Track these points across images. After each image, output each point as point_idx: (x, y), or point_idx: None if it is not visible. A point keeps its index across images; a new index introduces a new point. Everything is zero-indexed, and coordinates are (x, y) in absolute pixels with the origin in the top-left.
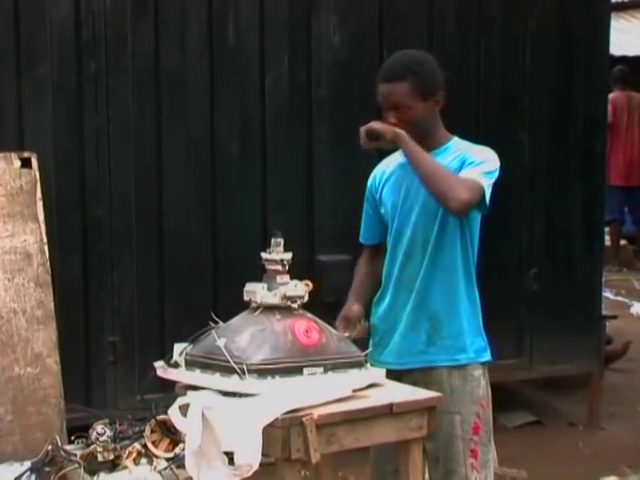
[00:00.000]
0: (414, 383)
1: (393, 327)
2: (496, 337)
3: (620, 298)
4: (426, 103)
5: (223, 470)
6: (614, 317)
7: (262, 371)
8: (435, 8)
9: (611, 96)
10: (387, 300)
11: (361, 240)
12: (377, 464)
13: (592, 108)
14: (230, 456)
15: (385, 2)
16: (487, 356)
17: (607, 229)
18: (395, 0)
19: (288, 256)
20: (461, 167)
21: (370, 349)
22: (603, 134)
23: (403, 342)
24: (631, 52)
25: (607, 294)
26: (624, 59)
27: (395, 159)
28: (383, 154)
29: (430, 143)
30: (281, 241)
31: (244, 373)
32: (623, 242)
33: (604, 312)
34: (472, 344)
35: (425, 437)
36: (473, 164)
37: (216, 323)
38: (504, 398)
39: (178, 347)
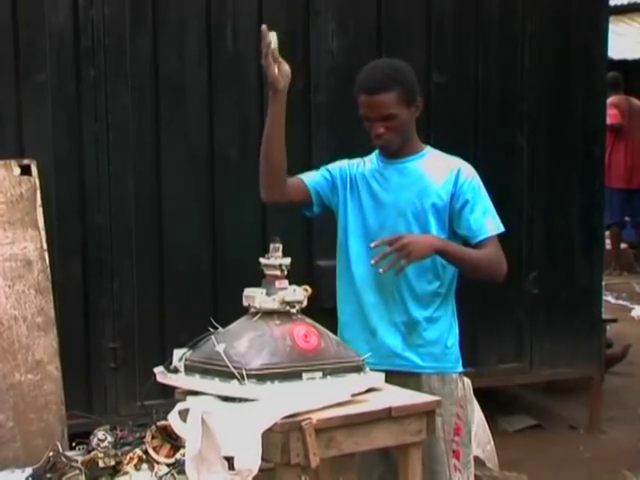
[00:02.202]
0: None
1: (365, 328)
2: (496, 341)
3: (621, 302)
4: (409, 110)
5: (223, 475)
6: (614, 321)
7: (261, 376)
8: (433, 13)
9: (613, 99)
10: (356, 300)
11: (304, 178)
12: (363, 470)
13: (590, 112)
14: (230, 461)
15: (383, 7)
16: (461, 367)
17: (607, 232)
18: (393, 5)
19: (287, 261)
20: (456, 183)
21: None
22: (602, 138)
23: (378, 344)
24: (630, 56)
25: (608, 298)
26: (623, 63)
27: (369, 162)
28: None
29: (409, 149)
30: (280, 246)
31: (243, 378)
32: (623, 245)
33: (604, 316)
34: (451, 353)
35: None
36: (477, 202)
37: (215, 329)
38: (504, 402)
39: (177, 353)
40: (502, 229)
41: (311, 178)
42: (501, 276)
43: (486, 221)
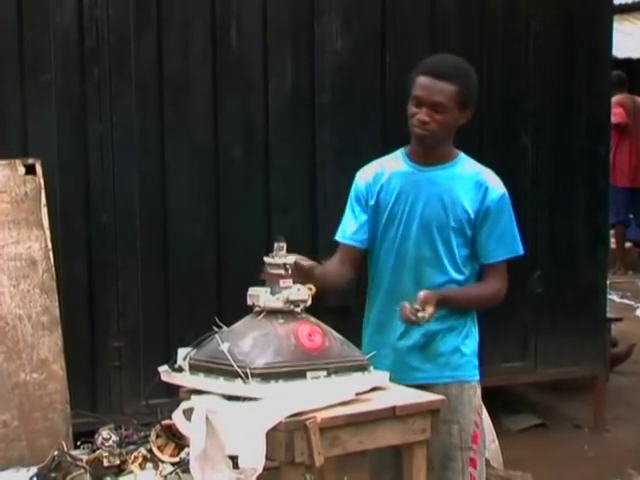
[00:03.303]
0: None
1: (386, 341)
2: (501, 340)
3: (626, 301)
4: (460, 113)
5: (228, 474)
6: (619, 320)
7: (265, 375)
8: (437, 12)
9: (618, 98)
10: (380, 311)
11: (344, 240)
12: (375, 472)
13: (595, 111)
14: (234, 460)
15: (387, 6)
16: (478, 376)
17: (612, 231)
18: (397, 4)
19: (291, 260)
20: (483, 200)
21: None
22: (606, 137)
23: (396, 358)
24: (635, 54)
25: (612, 297)
26: (628, 61)
27: (391, 165)
28: None
29: (441, 156)
30: (284, 245)
31: (247, 377)
32: (628, 244)
33: (609, 315)
34: (468, 362)
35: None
36: (498, 224)
37: (220, 328)
38: (509, 401)
39: (182, 352)
40: (519, 252)
41: (353, 235)
42: (496, 304)
43: (499, 245)
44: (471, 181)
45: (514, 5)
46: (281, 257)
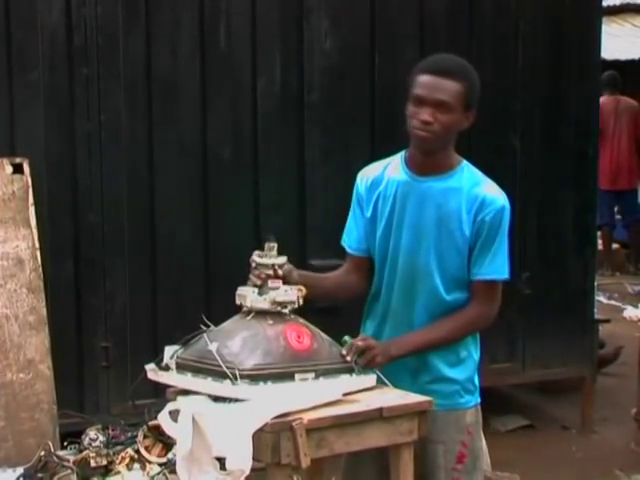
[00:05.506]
0: None
1: None
2: (489, 341)
3: (613, 302)
4: (463, 114)
5: (215, 475)
6: (607, 321)
7: (254, 376)
8: (426, 12)
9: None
10: (375, 326)
11: (349, 249)
12: (353, 466)
13: (583, 112)
14: (222, 461)
15: (376, 6)
16: (475, 400)
17: (598, 233)
18: (386, 4)
19: (280, 261)
20: (477, 215)
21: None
22: (595, 138)
23: (385, 374)
24: (623, 56)
25: (600, 298)
26: (616, 63)
27: (391, 169)
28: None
29: (440, 164)
30: (274, 245)
31: (236, 378)
32: (615, 246)
33: (597, 316)
34: (457, 391)
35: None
36: (490, 240)
37: (207, 326)
38: (497, 402)
39: (169, 350)
40: (504, 276)
41: (355, 244)
42: (481, 329)
43: (491, 262)
44: (468, 194)
45: (503, 5)
46: (271, 257)
